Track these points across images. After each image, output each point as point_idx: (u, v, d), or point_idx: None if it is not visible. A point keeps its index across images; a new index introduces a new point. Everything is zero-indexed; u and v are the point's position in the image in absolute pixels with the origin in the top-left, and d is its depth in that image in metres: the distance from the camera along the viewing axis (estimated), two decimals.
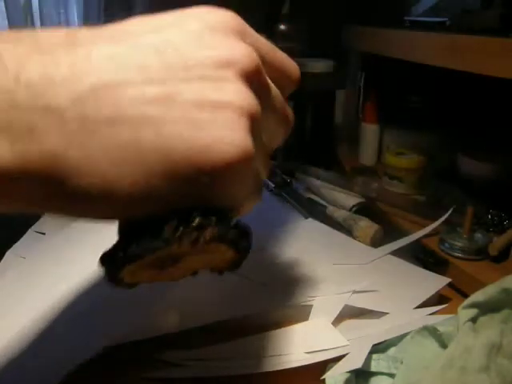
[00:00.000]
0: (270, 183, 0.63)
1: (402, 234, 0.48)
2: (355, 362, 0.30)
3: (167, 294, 0.37)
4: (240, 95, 0.20)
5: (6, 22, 1.03)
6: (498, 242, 0.43)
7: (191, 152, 0.18)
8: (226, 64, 0.20)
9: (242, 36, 0.22)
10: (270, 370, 0.31)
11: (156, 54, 0.19)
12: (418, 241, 0.46)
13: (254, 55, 0.22)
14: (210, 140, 0.18)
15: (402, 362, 0.31)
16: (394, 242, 0.46)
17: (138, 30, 0.20)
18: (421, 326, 0.33)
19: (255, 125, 0.21)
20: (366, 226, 0.50)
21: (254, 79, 0.21)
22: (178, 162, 0.18)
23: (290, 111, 0.27)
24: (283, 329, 0.36)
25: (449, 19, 0.62)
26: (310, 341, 0.34)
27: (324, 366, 0.31)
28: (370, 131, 0.72)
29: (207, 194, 0.19)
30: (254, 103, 0.21)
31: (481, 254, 0.44)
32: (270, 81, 0.24)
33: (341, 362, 0.31)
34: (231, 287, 0.39)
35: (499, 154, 0.56)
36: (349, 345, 0.33)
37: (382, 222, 0.51)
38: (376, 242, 0.48)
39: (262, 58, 0.24)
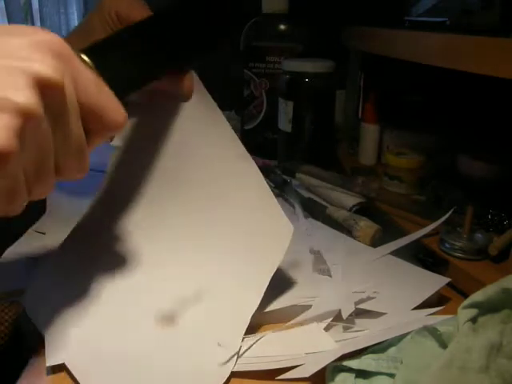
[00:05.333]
0: (270, 183, 0.63)
1: (402, 233, 0.48)
2: (305, 371, 0.31)
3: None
4: (22, 97, 0.21)
5: (7, 22, 1.03)
6: (498, 242, 0.43)
7: None
8: (22, 69, 0.21)
9: (60, 59, 0.24)
10: (269, 368, 0.32)
11: None
12: (418, 241, 0.46)
13: (58, 73, 0.23)
14: None
15: (401, 362, 0.31)
16: (394, 242, 0.46)
17: None
18: (420, 326, 0.33)
19: (30, 131, 0.22)
20: (366, 225, 0.50)
21: (49, 94, 0.22)
22: None
23: (86, 159, 0.27)
24: (281, 330, 0.36)
25: (449, 19, 0.62)
26: (304, 343, 0.34)
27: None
28: (370, 131, 0.72)
29: None
30: (35, 109, 0.22)
31: (481, 253, 0.44)
32: (72, 110, 0.24)
33: (294, 370, 0.31)
34: None
35: (499, 153, 0.56)
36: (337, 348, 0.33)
37: (382, 222, 0.51)
38: (376, 242, 0.48)
39: (77, 92, 0.25)
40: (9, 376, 0.32)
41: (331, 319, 0.36)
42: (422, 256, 0.46)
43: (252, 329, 0.35)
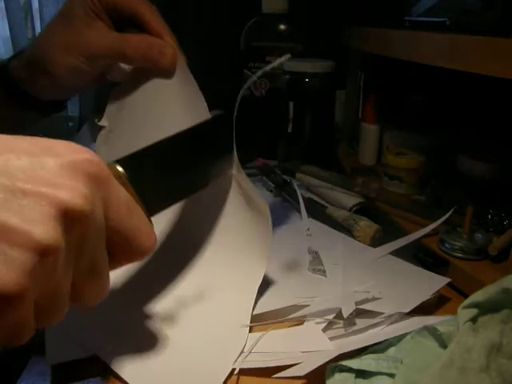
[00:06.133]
0: (270, 183, 0.63)
1: (402, 233, 0.48)
2: (301, 370, 0.31)
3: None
4: (43, 233, 0.19)
5: (7, 22, 1.03)
6: (498, 242, 0.43)
7: None
8: (50, 198, 0.20)
9: (93, 183, 0.22)
10: (265, 366, 0.32)
11: None
12: (418, 241, 0.46)
13: (87, 202, 0.21)
14: None
15: (401, 362, 0.31)
16: (394, 242, 0.46)
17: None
18: (420, 326, 0.33)
19: (46, 266, 0.20)
20: (366, 225, 0.50)
21: (74, 224, 0.21)
22: None
23: (106, 284, 0.25)
24: (280, 329, 0.36)
25: (449, 19, 0.62)
26: (302, 342, 0.34)
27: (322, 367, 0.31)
28: (370, 131, 0.72)
29: None
30: (55, 244, 0.20)
31: (481, 253, 0.44)
32: (97, 238, 0.23)
33: (289, 369, 0.31)
34: None
35: (499, 153, 0.56)
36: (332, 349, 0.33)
37: (382, 222, 0.51)
38: (376, 242, 0.48)
39: (108, 215, 0.23)
40: (9, 376, 0.32)
41: (331, 318, 0.36)
42: (422, 256, 0.46)
43: (251, 328, 0.35)
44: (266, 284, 0.40)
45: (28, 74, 0.42)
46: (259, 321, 0.36)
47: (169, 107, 0.41)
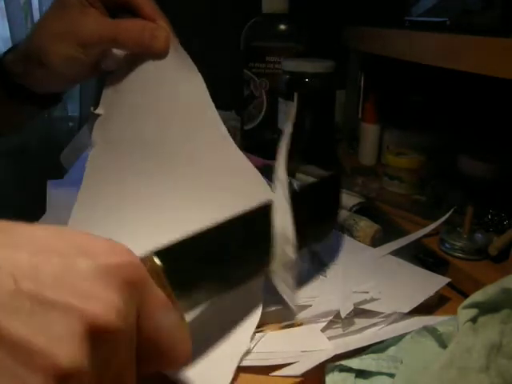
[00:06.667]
0: (270, 183, 0.63)
1: (402, 233, 0.48)
2: (297, 369, 0.31)
3: None
4: (67, 357, 0.17)
5: (7, 22, 1.03)
6: (498, 242, 0.43)
7: None
8: (79, 312, 0.18)
9: (129, 288, 0.20)
10: (263, 365, 0.32)
11: (9, 276, 0.17)
12: (418, 241, 0.46)
13: (119, 316, 0.19)
14: None
15: (401, 362, 0.31)
16: (394, 242, 0.46)
17: (19, 239, 0.19)
18: (420, 326, 0.33)
19: None
20: (366, 225, 0.50)
21: (102, 340, 0.19)
22: None
23: None
24: (279, 330, 0.36)
25: (449, 19, 0.62)
26: (301, 342, 0.34)
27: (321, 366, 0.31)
28: (370, 131, 0.72)
29: None
30: (79, 368, 0.17)
31: (481, 253, 0.44)
32: (127, 352, 0.20)
33: (286, 368, 0.32)
34: None
35: (499, 153, 0.56)
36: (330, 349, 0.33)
37: (382, 222, 0.51)
38: (376, 242, 0.48)
39: (141, 323, 0.21)
40: None
41: (330, 319, 0.36)
42: (422, 256, 0.46)
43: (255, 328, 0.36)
44: (265, 284, 0.40)
45: (24, 68, 0.42)
46: (259, 320, 0.36)
47: (164, 88, 0.40)
